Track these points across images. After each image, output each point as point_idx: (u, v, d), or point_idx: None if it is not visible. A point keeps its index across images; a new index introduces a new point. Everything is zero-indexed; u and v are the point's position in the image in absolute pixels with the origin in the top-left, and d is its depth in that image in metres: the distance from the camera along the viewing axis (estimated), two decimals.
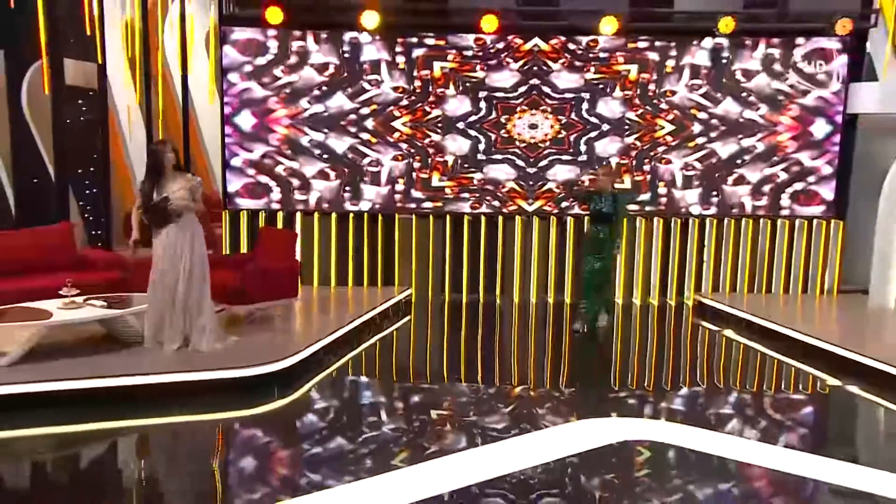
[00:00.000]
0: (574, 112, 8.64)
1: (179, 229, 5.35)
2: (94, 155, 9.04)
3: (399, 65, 8.51)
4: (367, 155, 8.65)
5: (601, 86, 8.60)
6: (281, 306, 6.99)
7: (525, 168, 8.73)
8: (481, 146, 8.68)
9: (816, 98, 8.57)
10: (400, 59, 8.50)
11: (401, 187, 8.72)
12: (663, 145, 8.70)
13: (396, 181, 8.71)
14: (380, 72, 8.52)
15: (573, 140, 8.67)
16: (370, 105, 8.57)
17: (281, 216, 8.68)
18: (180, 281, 5.35)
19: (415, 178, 8.71)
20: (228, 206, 8.69)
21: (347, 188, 8.69)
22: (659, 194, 8.79)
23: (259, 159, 8.61)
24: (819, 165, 8.68)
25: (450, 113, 8.62)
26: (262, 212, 8.68)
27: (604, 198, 6.95)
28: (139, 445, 4.54)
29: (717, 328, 7.58)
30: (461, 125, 8.65)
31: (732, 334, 7.30)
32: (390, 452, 4.12)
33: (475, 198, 8.77)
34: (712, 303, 8.26)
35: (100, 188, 9.12)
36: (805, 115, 8.61)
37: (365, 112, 8.57)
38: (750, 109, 8.63)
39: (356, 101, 8.56)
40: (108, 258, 7.29)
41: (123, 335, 5.58)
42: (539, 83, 8.58)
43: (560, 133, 8.68)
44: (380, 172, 8.69)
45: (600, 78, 8.59)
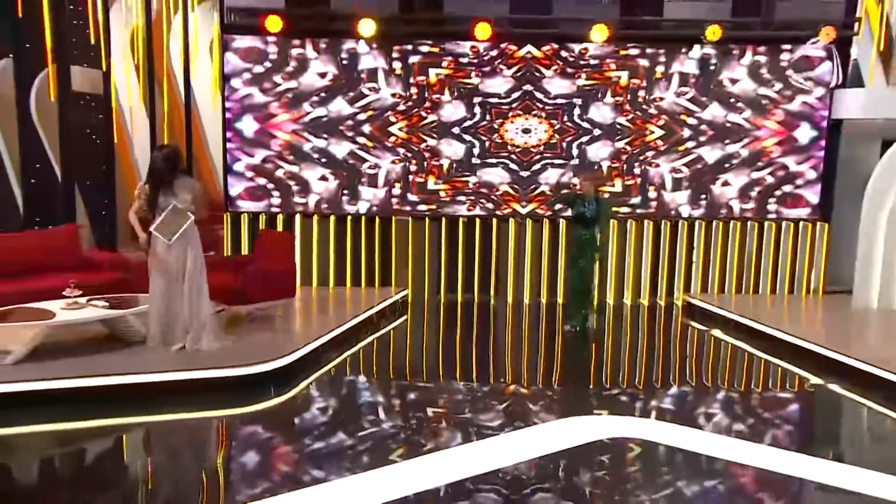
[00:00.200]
0: (566, 117, 8.64)
1: (181, 234, 5.35)
2: (100, 158, 9.04)
3: (395, 70, 8.51)
4: (365, 159, 8.65)
5: (593, 91, 8.60)
6: (281, 306, 7.00)
7: (518, 172, 8.73)
8: (476, 150, 8.69)
9: (802, 104, 8.58)
10: (396, 65, 8.50)
11: (397, 191, 8.73)
12: (653, 149, 8.70)
13: (393, 185, 8.72)
14: (377, 79, 8.53)
15: (566, 145, 8.68)
16: (368, 111, 8.58)
17: (281, 219, 8.69)
18: (183, 283, 5.35)
19: (411, 182, 8.72)
20: (230, 209, 8.70)
21: (346, 191, 8.70)
22: (649, 198, 8.79)
23: (260, 163, 8.62)
24: (804, 169, 8.68)
25: (445, 118, 8.62)
26: (263, 214, 8.68)
27: (587, 202, 6.88)
28: (138, 442, 4.54)
29: (706, 328, 7.58)
30: (456, 130, 8.65)
31: (720, 334, 7.29)
32: (385, 448, 4.12)
33: (470, 201, 8.77)
34: (701, 303, 8.25)
35: (106, 191, 9.12)
36: (791, 121, 8.61)
37: (363, 117, 8.58)
38: (737, 114, 8.63)
39: (354, 107, 8.57)
40: (112, 259, 7.28)
41: (125, 335, 5.58)
42: (532, 89, 8.59)
43: (553, 138, 8.68)
44: (377, 176, 8.70)
45: (592, 84, 8.60)
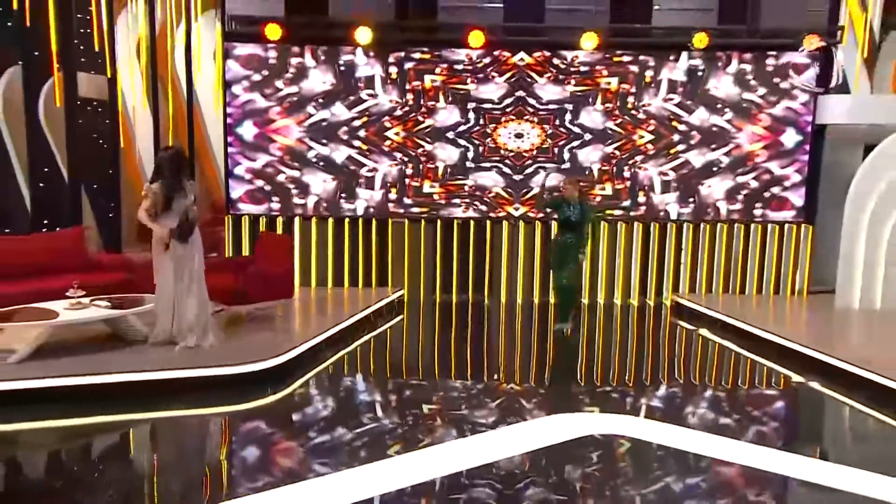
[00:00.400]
0: (558, 122, 8.66)
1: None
2: (106, 162, 9.06)
3: (391, 75, 8.53)
4: (363, 163, 8.67)
5: (584, 97, 8.62)
6: (281, 306, 7.02)
7: (511, 175, 8.75)
8: (470, 154, 8.70)
9: (787, 109, 8.59)
10: (392, 70, 8.52)
11: (394, 194, 8.74)
12: (643, 154, 8.72)
13: (390, 188, 8.74)
14: (374, 85, 8.55)
15: (557, 150, 8.70)
16: (365, 116, 8.60)
17: (280, 221, 8.71)
18: (189, 282, 5.38)
19: (407, 185, 8.73)
20: (231, 212, 8.72)
21: (343, 194, 8.72)
22: (639, 203, 8.81)
23: (260, 167, 8.64)
24: (789, 173, 8.70)
25: (440, 123, 8.64)
26: (263, 217, 8.71)
27: (571, 206, 6.81)
28: (137, 437, 4.56)
29: (693, 327, 7.59)
30: (451, 135, 8.67)
31: (707, 333, 7.30)
32: (380, 443, 4.13)
33: (464, 203, 8.79)
34: (689, 303, 8.27)
35: (111, 194, 9.15)
36: (776, 126, 8.63)
37: (360, 123, 8.60)
38: (724, 120, 8.65)
39: (352, 112, 8.59)
40: (116, 260, 7.29)
41: (127, 334, 5.60)
42: (525, 95, 8.61)
43: (545, 142, 8.70)
44: (374, 179, 8.72)
45: (583, 90, 8.61)
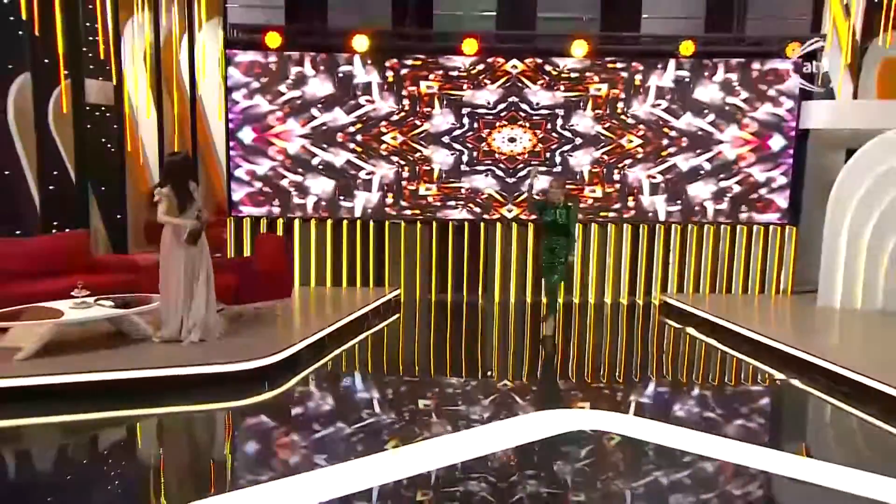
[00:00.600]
0: (550, 126, 8.70)
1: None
2: (113, 166, 9.10)
3: (388, 79, 8.58)
4: (361, 167, 8.72)
5: (574, 102, 8.66)
6: (281, 304, 7.05)
7: (504, 178, 8.78)
8: (464, 158, 8.75)
9: (772, 115, 8.63)
10: (389, 74, 8.57)
11: (390, 197, 8.78)
12: (632, 157, 8.76)
13: (386, 191, 8.78)
14: (371, 91, 8.59)
15: (549, 154, 8.74)
16: (363, 121, 8.64)
17: (280, 222, 8.75)
18: (205, 280, 5.47)
19: (403, 187, 8.77)
20: (232, 213, 8.76)
21: (342, 197, 8.76)
22: (628, 206, 8.85)
23: (260, 170, 8.68)
24: (775, 176, 8.73)
25: (435, 128, 8.68)
26: (264, 218, 8.75)
27: (557, 209, 6.72)
28: (138, 431, 4.58)
29: (681, 326, 7.62)
30: (446, 139, 8.71)
31: (694, 332, 7.33)
32: (376, 438, 4.16)
33: (459, 205, 8.83)
34: (677, 303, 8.30)
35: (118, 196, 9.18)
36: (762, 131, 8.67)
37: (358, 127, 8.65)
38: (710, 125, 8.68)
39: (350, 117, 8.63)
40: (120, 262, 7.34)
41: (131, 332, 5.65)
42: (517, 100, 8.65)
43: (537, 146, 8.74)
44: (371, 182, 8.76)
45: (574, 95, 8.66)
